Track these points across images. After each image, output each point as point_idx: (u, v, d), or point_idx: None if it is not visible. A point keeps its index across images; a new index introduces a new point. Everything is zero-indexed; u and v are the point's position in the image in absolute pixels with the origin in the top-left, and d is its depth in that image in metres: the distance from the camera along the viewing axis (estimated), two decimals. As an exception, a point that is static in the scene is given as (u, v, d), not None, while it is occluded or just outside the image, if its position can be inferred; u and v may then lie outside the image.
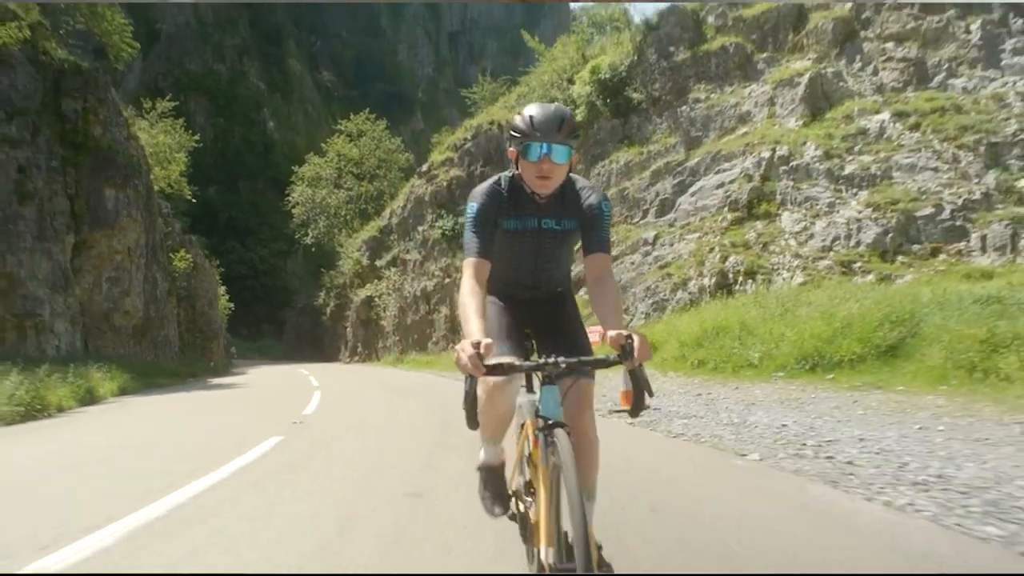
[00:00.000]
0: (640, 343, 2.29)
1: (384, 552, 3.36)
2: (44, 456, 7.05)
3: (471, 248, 2.67)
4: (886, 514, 3.88)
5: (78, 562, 3.34)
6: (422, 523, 3.86)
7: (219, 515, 4.15)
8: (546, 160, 2.59)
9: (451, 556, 3.30)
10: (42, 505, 4.63)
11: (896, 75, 17.85)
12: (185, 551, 3.45)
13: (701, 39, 21.37)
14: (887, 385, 8.87)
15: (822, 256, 15.35)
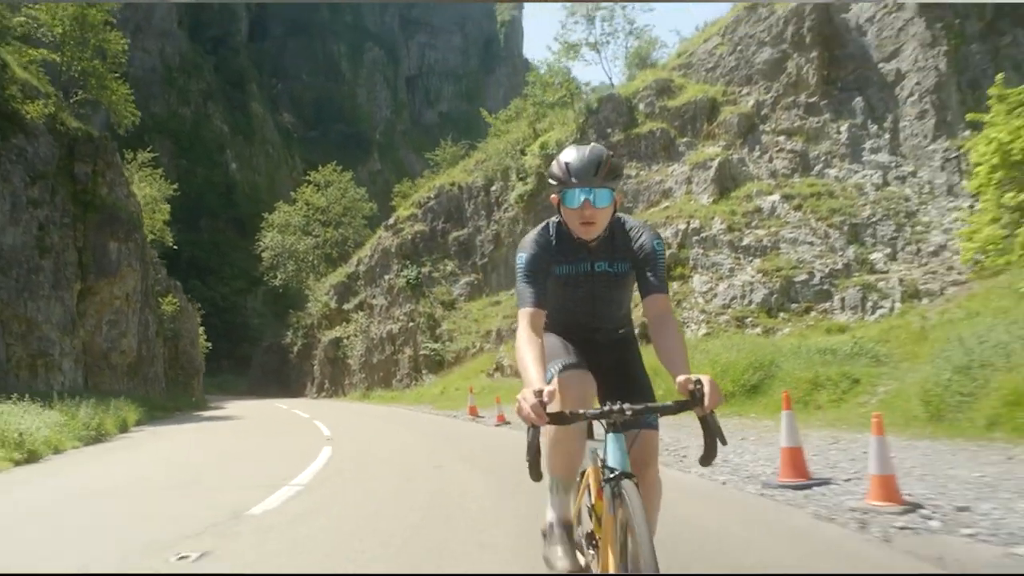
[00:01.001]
0: (711, 388, 2.23)
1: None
2: (167, 459, 10.13)
3: (524, 298, 2.64)
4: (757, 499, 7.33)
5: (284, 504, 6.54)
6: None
7: (329, 504, 7.38)
8: (587, 206, 2.58)
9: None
10: (213, 491, 7.80)
11: (786, 163, 22.01)
12: (319, 520, 6.68)
13: (633, 123, 25.37)
14: (745, 414, 12.48)
15: (722, 312, 19.16)
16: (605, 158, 2.60)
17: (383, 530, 4.95)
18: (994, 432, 7.58)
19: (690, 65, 25.86)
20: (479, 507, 5.84)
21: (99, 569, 4.16)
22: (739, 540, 4.55)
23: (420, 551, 4.37)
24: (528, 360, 2.45)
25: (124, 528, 5.48)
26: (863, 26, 21.72)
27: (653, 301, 2.66)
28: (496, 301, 27.92)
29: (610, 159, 2.62)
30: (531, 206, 27.02)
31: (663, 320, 2.61)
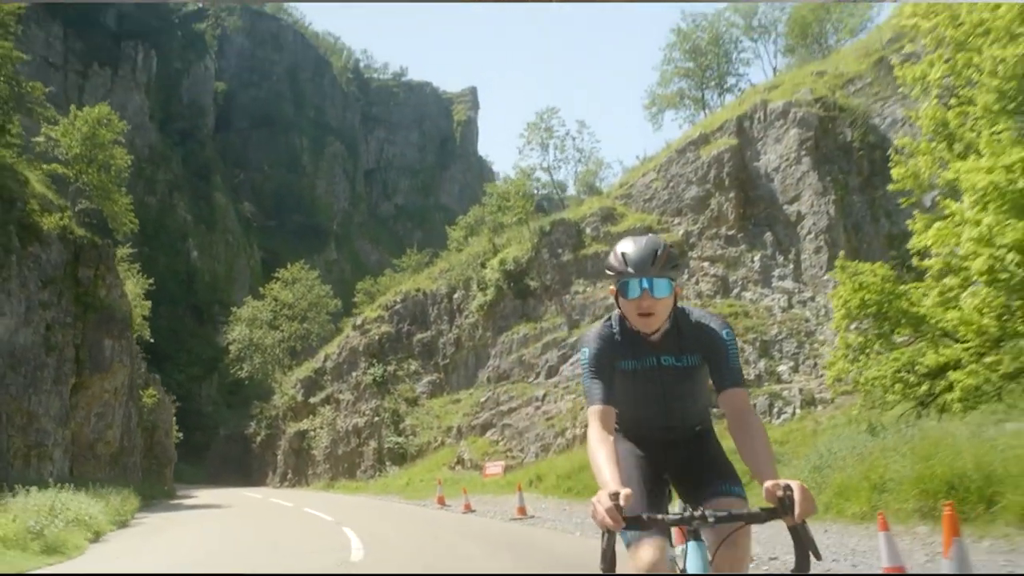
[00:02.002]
0: (802, 494, 2.11)
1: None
2: (218, 538, 12.67)
3: (592, 396, 2.60)
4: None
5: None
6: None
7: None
8: (646, 296, 2.53)
9: None
10: (300, 556, 10.49)
11: (709, 286, 25.86)
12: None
13: (581, 245, 29.15)
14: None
15: (654, 414, 22.45)
16: (662, 248, 2.58)
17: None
18: (826, 515, 10.79)
19: (630, 195, 29.98)
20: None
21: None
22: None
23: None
24: (601, 460, 2.40)
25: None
26: (771, 174, 26.11)
27: (729, 397, 2.57)
28: (456, 399, 30.77)
29: (668, 249, 2.60)
30: (491, 315, 30.33)
31: (743, 417, 2.52)
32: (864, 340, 13.83)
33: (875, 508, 9.22)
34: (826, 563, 7.60)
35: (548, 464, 20.97)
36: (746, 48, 35.97)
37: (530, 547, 10.71)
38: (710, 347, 2.65)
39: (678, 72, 35.52)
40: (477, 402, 28.46)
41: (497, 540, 11.52)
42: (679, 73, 35.52)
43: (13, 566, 8.72)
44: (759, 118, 26.55)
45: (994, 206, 9.17)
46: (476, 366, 30.96)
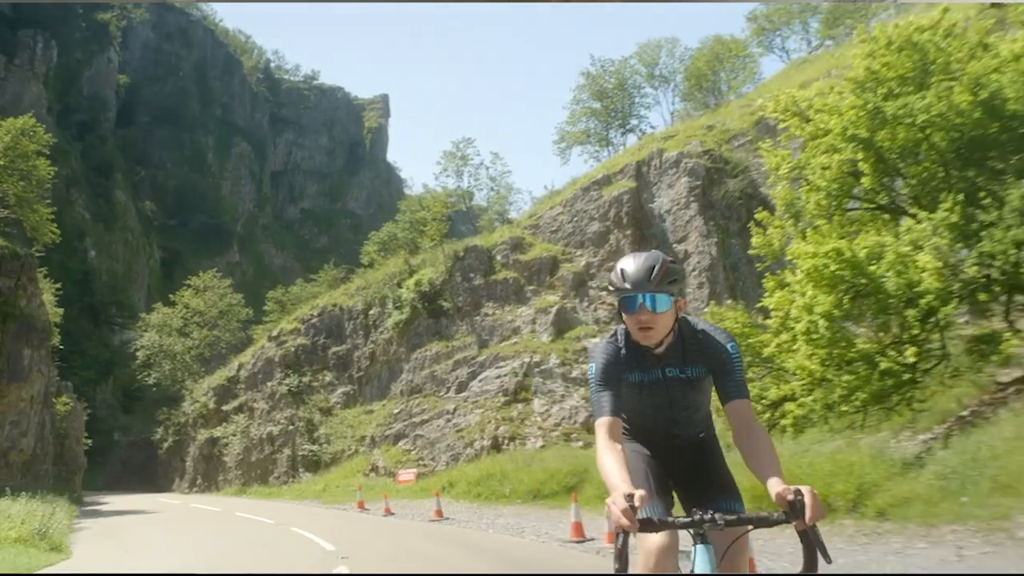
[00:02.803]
0: (812, 499, 2.19)
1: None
2: (175, 545, 14.29)
3: (600, 408, 2.68)
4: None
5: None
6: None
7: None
8: (643, 311, 2.63)
9: None
10: (286, 554, 12.37)
11: (606, 313, 28.87)
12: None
13: (492, 271, 31.68)
14: (562, 506, 18.14)
15: (554, 429, 25.17)
16: (660, 263, 2.66)
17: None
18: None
19: (538, 226, 32.76)
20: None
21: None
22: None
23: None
24: (612, 465, 2.46)
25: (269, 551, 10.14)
26: (663, 215, 29.42)
27: (734, 408, 2.65)
28: (370, 410, 32.63)
29: (666, 264, 2.67)
30: (405, 332, 32.43)
31: (748, 427, 2.59)
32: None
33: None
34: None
35: (459, 472, 23.31)
36: (647, 94, 39.58)
37: (455, 542, 13.01)
38: (715, 360, 2.73)
39: (586, 112, 38.70)
40: (390, 413, 30.47)
41: (435, 537, 13.76)
42: (586, 113, 38.71)
43: (22, 566, 10.13)
44: (655, 165, 29.85)
45: (813, 283, 12.21)
46: (389, 379, 32.93)
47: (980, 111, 12.57)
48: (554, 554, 11.21)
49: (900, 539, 8.56)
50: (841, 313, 12.06)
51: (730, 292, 26.51)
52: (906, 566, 7.29)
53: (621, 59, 39.68)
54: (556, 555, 11.09)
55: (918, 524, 8.82)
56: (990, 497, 8.28)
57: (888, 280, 11.95)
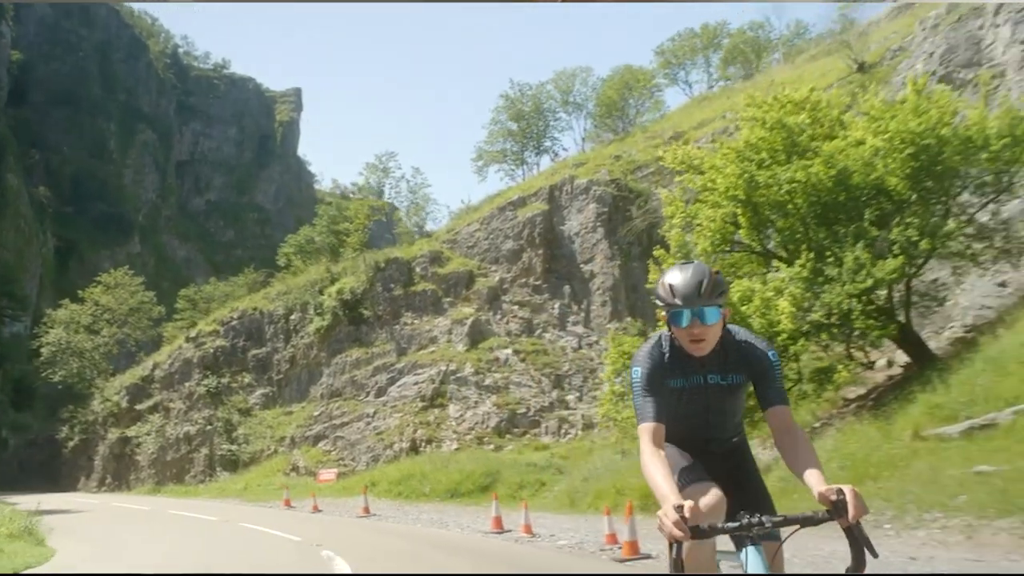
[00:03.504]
0: (854, 497, 2.29)
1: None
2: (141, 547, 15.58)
3: (644, 413, 2.75)
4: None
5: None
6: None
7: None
8: (695, 324, 2.70)
9: None
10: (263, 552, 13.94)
11: (517, 326, 31.30)
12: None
13: (412, 282, 33.56)
14: (478, 503, 20.37)
15: (468, 433, 27.36)
16: (708, 277, 2.71)
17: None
18: (587, 510, 16.04)
19: (456, 241, 34.86)
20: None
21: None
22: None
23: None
24: (658, 477, 2.54)
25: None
26: (573, 237, 32.08)
27: (775, 413, 2.73)
28: (289, 411, 33.87)
29: (713, 276, 2.74)
30: (326, 338, 33.88)
31: (790, 431, 2.68)
32: (624, 391, 19.46)
33: (614, 505, 14.54)
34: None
35: (380, 472, 25.17)
36: (561, 118, 42.38)
37: (394, 534, 14.98)
38: (756, 367, 2.80)
39: (503, 132, 41.08)
40: (310, 415, 31.89)
41: (378, 530, 15.66)
42: (504, 133, 41.09)
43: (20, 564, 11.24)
44: (567, 190, 32.49)
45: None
46: (309, 382, 34.27)
47: (832, 181, 15.54)
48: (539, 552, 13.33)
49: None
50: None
51: (630, 311, 29.37)
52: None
53: (538, 84, 42.33)
54: (543, 554, 13.01)
55: (763, 516, 11.53)
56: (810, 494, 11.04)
57: (754, 319, 14.76)
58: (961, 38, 23.66)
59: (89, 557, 12.73)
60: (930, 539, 8.73)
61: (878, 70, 28.10)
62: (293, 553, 12.15)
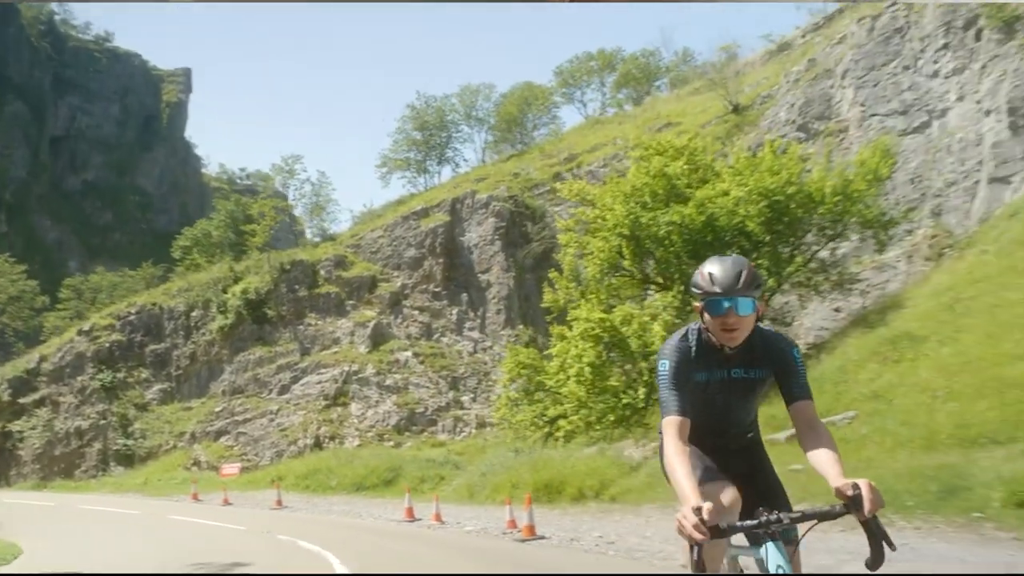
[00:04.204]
0: (870, 491, 2.32)
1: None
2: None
3: (670, 406, 2.77)
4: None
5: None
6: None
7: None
8: (731, 314, 2.73)
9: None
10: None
11: (417, 330, 33.25)
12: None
13: (316, 284, 34.82)
14: (382, 496, 22.26)
15: (370, 430, 29.13)
16: (747, 269, 2.75)
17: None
18: (486, 502, 18.28)
19: (360, 246, 36.37)
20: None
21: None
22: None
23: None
24: (680, 475, 2.57)
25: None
26: (472, 248, 34.30)
27: (799, 409, 2.76)
28: (188, 407, 34.37)
29: (752, 270, 2.77)
30: (229, 336, 34.63)
31: (812, 426, 2.71)
32: (517, 396, 21.89)
33: (512, 496, 16.87)
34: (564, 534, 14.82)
35: (286, 466, 26.54)
36: (463, 131, 44.53)
37: (321, 523, 16.67)
38: (781, 363, 2.85)
39: (408, 142, 42.76)
40: (212, 411, 32.61)
41: (308, 520, 17.27)
42: (409, 143, 42.78)
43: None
44: (468, 204, 34.69)
45: (584, 339, 17.45)
46: (209, 378, 34.87)
47: (702, 223, 18.45)
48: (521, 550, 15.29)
49: (619, 516, 13.75)
50: (600, 362, 17.40)
51: (522, 319, 31.98)
52: (617, 532, 12.30)
53: (443, 96, 44.25)
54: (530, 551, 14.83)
55: (632, 505, 14.10)
56: (670, 489, 13.77)
57: (632, 340, 17.48)
58: (816, 94, 27.56)
59: (55, 553, 12.59)
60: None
61: (749, 113, 31.68)
62: (255, 539, 13.60)
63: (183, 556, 11.23)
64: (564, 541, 11.24)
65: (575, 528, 12.42)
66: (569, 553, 10.38)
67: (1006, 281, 15.33)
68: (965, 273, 17.28)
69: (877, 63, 25.19)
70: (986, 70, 21.86)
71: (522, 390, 21.51)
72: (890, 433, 12.53)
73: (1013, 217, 18.69)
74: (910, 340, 15.32)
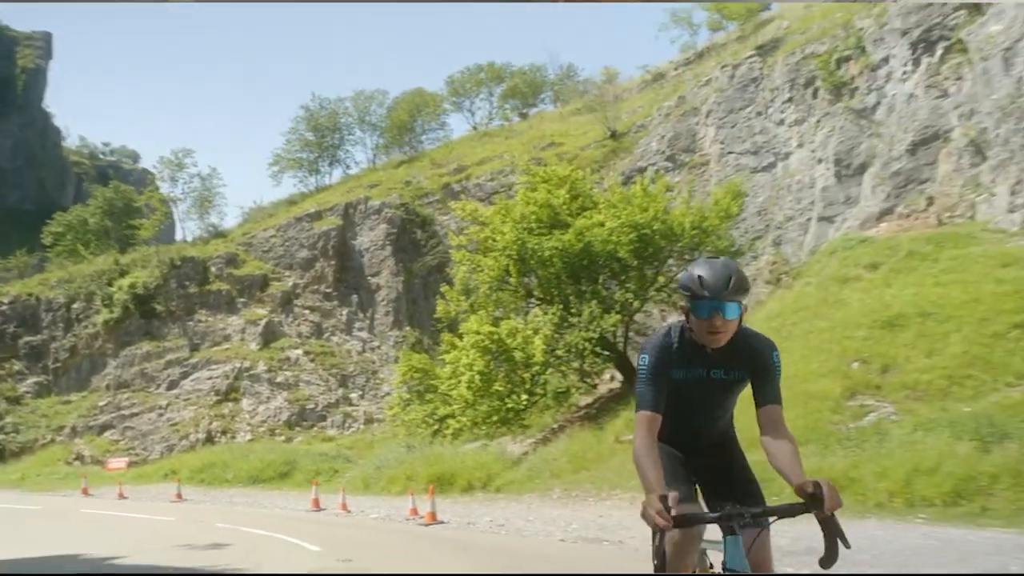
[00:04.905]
0: (830, 490, 2.43)
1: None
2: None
3: (644, 401, 2.85)
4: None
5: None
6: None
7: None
8: (716, 317, 2.78)
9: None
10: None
11: (308, 329, 34.50)
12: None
13: (207, 281, 35.29)
14: (279, 488, 23.71)
15: (261, 425, 30.26)
16: (735, 273, 2.80)
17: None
18: (380, 493, 20.22)
19: (251, 244, 37.08)
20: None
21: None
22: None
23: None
24: (647, 464, 2.67)
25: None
26: (363, 252, 35.85)
27: (768, 412, 2.86)
28: (67, 401, 33.96)
29: (739, 274, 2.83)
30: (115, 330, 34.50)
31: (777, 429, 2.81)
32: (409, 397, 23.92)
33: (408, 488, 18.91)
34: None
35: (179, 460, 27.32)
36: (356, 134, 45.73)
37: (241, 513, 17.97)
38: (759, 366, 2.91)
39: (302, 142, 43.50)
40: (95, 405, 32.49)
41: (223, 511, 18.52)
42: (302, 143, 43.52)
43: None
44: (361, 209, 36.20)
45: (474, 349, 19.75)
46: (91, 372, 34.57)
47: (580, 249, 21.09)
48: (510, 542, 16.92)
49: (504, 503, 16.16)
50: (488, 370, 19.77)
51: (409, 321, 33.91)
52: (505, 517, 14.68)
53: (337, 99, 45.21)
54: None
55: (515, 495, 16.55)
56: (548, 481, 16.36)
57: (516, 351, 19.95)
58: (683, 128, 31.03)
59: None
60: (613, 506, 14.16)
61: (625, 139, 34.81)
62: (198, 527, 14.42)
63: (160, 544, 11.80)
64: (462, 525, 13.46)
65: (468, 514, 14.69)
66: (468, 534, 12.59)
67: (819, 311, 18.80)
68: (791, 302, 20.80)
69: (735, 107, 28.68)
70: (820, 124, 25.75)
71: (414, 391, 23.58)
72: (722, 435, 15.55)
73: (832, 255, 22.53)
74: (744, 358, 18.57)
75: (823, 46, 26.08)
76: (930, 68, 22.67)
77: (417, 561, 9.63)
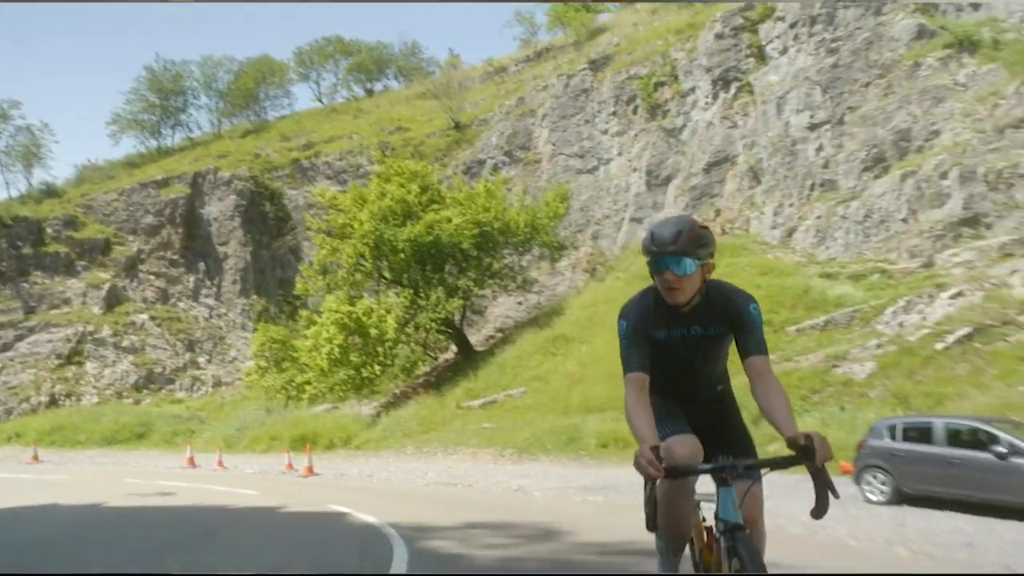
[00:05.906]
0: (821, 442, 2.46)
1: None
2: None
3: (630, 363, 2.87)
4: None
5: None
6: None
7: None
8: (668, 272, 2.79)
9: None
10: None
11: (154, 294, 35.14)
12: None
13: (42, 243, 34.73)
14: (136, 448, 25.10)
15: (108, 389, 30.99)
16: (688, 229, 2.80)
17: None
18: (246, 452, 22.55)
19: (91, 207, 36.74)
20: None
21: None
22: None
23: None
24: (640, 420, 2.72)
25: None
26: (212, 221, 36.72)
27: (752, 363, 2.85)
28: None
29: (694, 229, 2.81)
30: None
31: (764, 379, 2.80)
32: (266, 365, 26.17)
33: (271, 447, 21.44)
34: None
35: (21, 423, 27.65)
36: (200, 98, 45.40)
37: (109, 474, 19.43)
38: (737, 320, 2.92)
39: (144, 103, 42.70)
40: (-85, 366, 31.44)
41: (104, 474, 19.74)
42: (145, 104, 42.73)
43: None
44: (210, 179, 36.98)
45: (333, 325, 22.51)
46: (-94, 332, 33.13)
47: (429, 241, 24.26)
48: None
49: (365, 459, 19.22)
50: (346, 345, 22.60)
51: (257, 290, 35.50)
52: (370, 470, 17.76)
53: (182, 62, 44.59)
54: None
55: (373, 451, 19.70)
56: (401, 439, 19.70)
57: (372, 328, 22.94)
58: (521, 127, 34.71)
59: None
60: (459, 460, 17.68)
61: (468, 131, 37.81)
62: (110, 483, 15.83)
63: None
64: (337, 476, 16.37)
65: (337, 468, 17.59)
66: (349, 482, 15.55)
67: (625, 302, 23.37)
68: (603, 293, 25.14)
69: (567, 113, 32.57)
70: (637, 138, 30.29)
71: (271, 360, 25.86)
72: (544, 404, 19.56)
73: (639, 254, 27.25)
74: (564, 340, 22.74)
75: (644, 69, 30.49)
76: (725, 102, 27.81)
77: (345, 502, 11.27)
